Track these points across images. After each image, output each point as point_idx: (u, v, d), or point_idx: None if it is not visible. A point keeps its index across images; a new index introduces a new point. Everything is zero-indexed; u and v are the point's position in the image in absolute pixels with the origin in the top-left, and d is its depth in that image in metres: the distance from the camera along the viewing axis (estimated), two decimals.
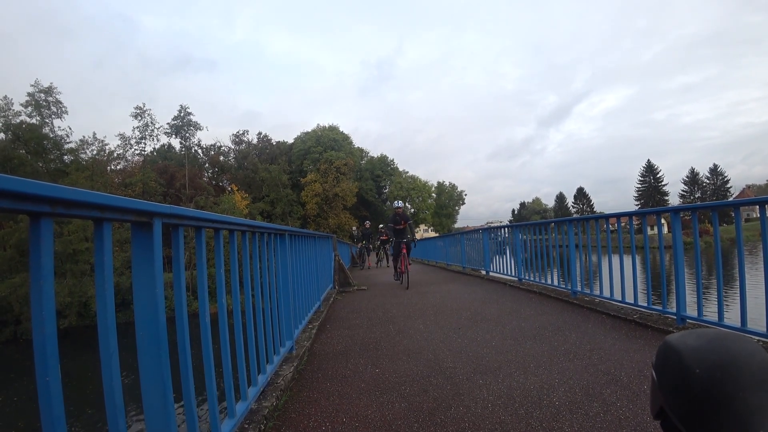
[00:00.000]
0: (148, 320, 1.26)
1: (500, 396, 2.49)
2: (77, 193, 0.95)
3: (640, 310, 4.29)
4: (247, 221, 2.28)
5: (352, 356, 3.51)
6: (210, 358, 1.75)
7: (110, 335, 1.09)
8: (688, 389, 0.55)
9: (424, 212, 59.70)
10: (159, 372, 1.28)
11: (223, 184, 47.83)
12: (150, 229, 1.27)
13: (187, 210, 1.48)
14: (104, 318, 1.08)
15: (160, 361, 1.28)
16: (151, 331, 1.26)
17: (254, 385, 2.32)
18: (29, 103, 30.09)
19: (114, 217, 1.10)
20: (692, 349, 0.57)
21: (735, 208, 3.40)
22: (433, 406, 2.40)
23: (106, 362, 1.08)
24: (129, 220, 1.19)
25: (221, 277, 1.91)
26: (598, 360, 3.03)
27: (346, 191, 48.59)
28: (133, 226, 1.26)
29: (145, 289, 1.26)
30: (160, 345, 1.27)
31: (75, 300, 23.23)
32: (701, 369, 0.54)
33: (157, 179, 34.53)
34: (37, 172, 27.80)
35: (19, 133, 28.28)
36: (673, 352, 0.58)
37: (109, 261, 1.09)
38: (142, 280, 1.26)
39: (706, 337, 0.59)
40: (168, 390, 1.31)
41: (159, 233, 1.31)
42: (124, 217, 1.15)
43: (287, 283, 3.34)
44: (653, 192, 69.67)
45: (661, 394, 0.59)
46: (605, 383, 2.59)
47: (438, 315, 5.03)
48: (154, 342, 1.26)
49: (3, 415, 12.69)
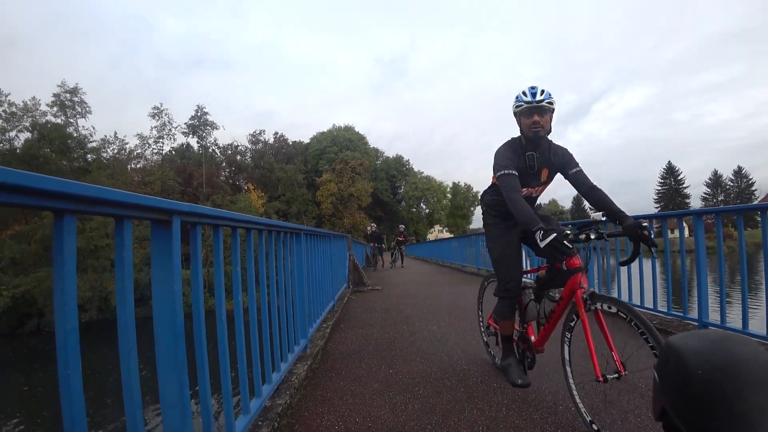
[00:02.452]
0: (166, 317, 1.28)
1: (515, 399, 2.46)
2: (99, 190, 0.97)
3: (659, 316, 4.19)
4: (263, 220, 2.30)
5: (365, 356, 3.51)
6: (225, 354, 1.77)
7: (129, 330, 1.11)
8: (690, 390, 0.54)
9: (439, 213, 59.51)
10: (176, 368, 1.29)
11: (240, 183, 48.43)
12: (169, 227, 1.30)
13: (206, 208, 1.50)
14: (123, 313, 1.10)
15: (177, 358, 1.30)
16: (169, 327, 1.28)
17: (269, 383, 2.33)
18: (55, 103, 31.00)
19: (135, 215, 1.12)
20: (694, 351, 0.56)
21: (762, 212, 3.25)
22: (446, 408, 2.39)
23: (125, 356, 1.10)
24: (149, 218, 1.21)
25: (238, 275, 1.93)
26: None
27: (361, 191, 48.75)
28: (153, 224, 1.29)
29: (163, 286, 1.28)
30: (177, 342, 1.29)
31: (96, 295, 23.78)
32: (703, 370, 0.54)
33: (175, 178, 35.13)
34: (61, 170, 28.58)
35: (45, 132, 29.13)
36: (675, 354, 0.58)
37: (129, 257, 1.11)
38: (161, 277, 1.28)
39: (708, 338, 0.58)
40: (185, 386, 1.32)
41: (178, 231, 1.33)
42: (145, 215, 1.17)
43: (302, 281, 3.36)
44: (674, 194, 68.04)
45: (663, 396, 0.59)
46: None
47: (452, 317, 5.00)
48: (171, 338, 1.28)
49: (28, 404, 13.08)
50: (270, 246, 2.62)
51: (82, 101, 32.16)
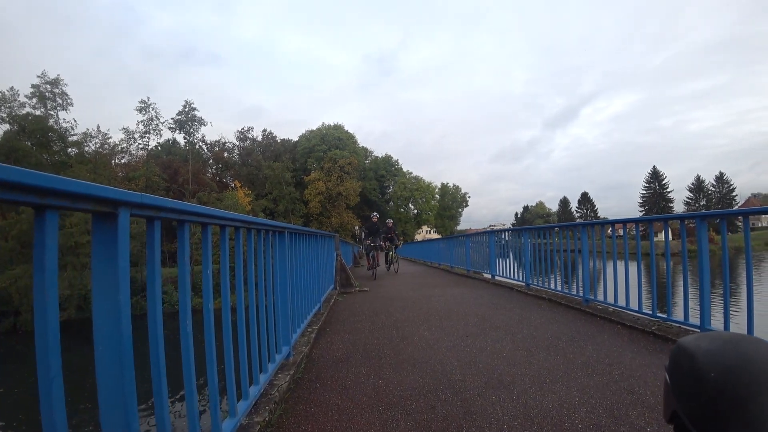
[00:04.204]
0: (108, 332, 1.03)
1: (516, 416, 2.25)
2: (18, 173, 0.74)
3: (658, 322, 4.04)
4: (240, 216, 2.04)
5: (353, 364, 3.27)
6: (191, 370, 1.52)
7: (51, 340, 0.87)
8: (702, 393, 0.53)
9: (427, 213, 59.45)
10: (121, 395, 1.05)
11: (227, 180, 47.73)
12: (114, 221, 1.04)
13: (165, 200, 1.24)
14: (43, 320, 0.85)
15: (123, 381, 1.05)
16: (113, 344, 1.03)
17: (245, 399, 2.09)
18: (34, 94, 30.01)
19: (62, 204, 0.87)
20: (706, 352, 0.55)
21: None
22: (442, 426, 2.17)
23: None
24: (87, 209, 0.96)
25: (208, 278, 1.68)
26: (620, 376, 2.79)
27: (350, 190, 48.40)
28: (93, 217, 1.04)
29: (105, 294, 1.03)
30: (123, 362, 1.04)
31: (74, 293, 23.08)
32: (715, 372, 0.53)
33: (160, 174, 34.36)
34: (41, 163, 27.67)
35: (25, 125, 28.16)
36: (687, 355, 0.57)
37: (52, 258, 0.86)
38: (103, 282, 1.03)
39: (720, 339, 0.57)
40: (133, 416, 1.08)
41: (126, 227, 1.08)
42: (77, 206, 0.91)
43: (286, 284, 3.11)
44: (658, 199, 68.96)
45: (675, 398, 0.58)
46: (630, 404, 2.35)
47: (444, 320, 4.78)
48: (115, 359, 1.03)
49: (3, 407, 12.54)
50: (249, 245, 2.37)
51: (63, 93, 31.20)
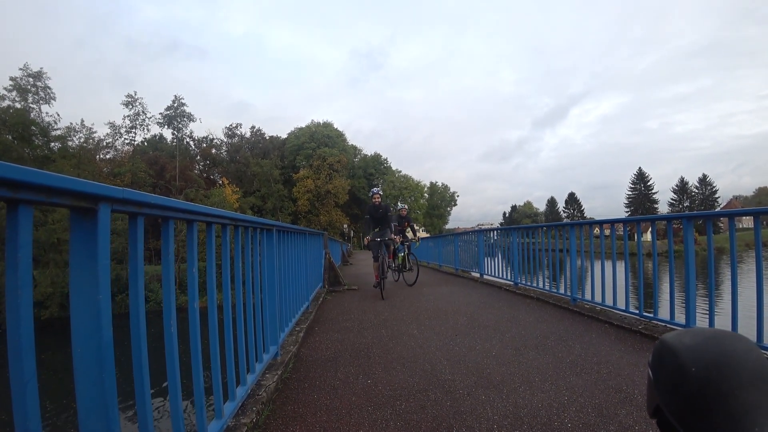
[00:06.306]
0: (87, 332, 0.98)
1: (506, 415, 2.25)
2: None
3: (645, 321, 4.09)
4: (227, 213, 2.00)
5: (342, 363, 3.24)
6: (176, 371, 1.47)
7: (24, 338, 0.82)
8: (684, 388, 0.54)
9: (416, 212, 59.62)
10: (101, 397, 1.00)
11: (214, 177, 47.16)
12: (94, 216, 0.99)
13: (148, 195, 1.19)
14: (16, 321, 0.80)
15: (103, 383, 1.01)
16: (92, 346, 0.99)
17: (232, 400, 2.04)
18: (13, 87, 29.19)
19: (36, 198, 0.82)
20: (688, 348, 0.56)
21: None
22: (432, 426, 2.15)
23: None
24: (63, 204, 0.91)
25: (194, 276, 1.63)
26: (608, 375, 2.80)
27: (339, 188, 48.26)
28: (71, 213, 0.99)
29: (84, 294, 0.98)
30: (103, 365, 1.00)
31: (57, 291, 22.60)
32: (697, 367, 0.54)
33: (146, 170, 33.79)
34: (22, 158, 26.98)
35: (5, 118, 27.41)
36: (669, 351, 0.58)
37: (26, 255, 0.81)
38: (81, 281, 0.98)
39: (701, 335, 0.58)
40: (114, 419, 1.04)
41: (107, 223, 1.03)
42: (53, 200, 0.87)
43: (274, 282, 3.06)
44: (643, 199, 70.14)
45: (657, 393, 0.59)
46: (619, 402, 2.36)
47: (433, 319, 4.78)
48: (95, 361, 0.99)
49: None
50: (236, 243, 2.32)
51: (46, 86, 30.41)
